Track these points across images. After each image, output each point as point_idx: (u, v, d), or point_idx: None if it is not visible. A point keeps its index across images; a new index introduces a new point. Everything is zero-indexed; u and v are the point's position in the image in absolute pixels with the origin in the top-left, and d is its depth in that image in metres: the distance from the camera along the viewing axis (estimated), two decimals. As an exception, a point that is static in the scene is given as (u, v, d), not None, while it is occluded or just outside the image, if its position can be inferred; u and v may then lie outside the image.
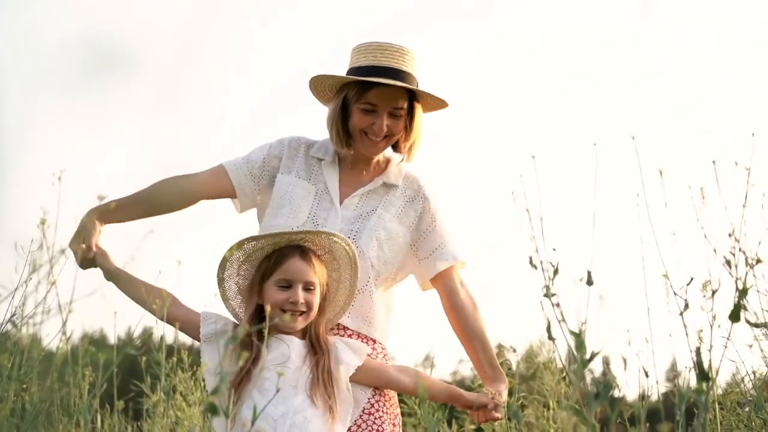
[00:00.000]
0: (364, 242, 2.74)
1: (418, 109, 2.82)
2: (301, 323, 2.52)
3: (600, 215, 1.90)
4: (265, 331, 2.28)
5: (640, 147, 2.06)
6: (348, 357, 2.56)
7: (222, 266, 2.59)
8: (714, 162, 2.02)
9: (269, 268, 2.55)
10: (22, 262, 2.34)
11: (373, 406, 2.67)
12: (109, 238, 2.68)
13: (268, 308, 2.34)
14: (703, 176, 2.01)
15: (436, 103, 2.85)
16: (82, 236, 2.64)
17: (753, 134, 2.07)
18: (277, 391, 2.36)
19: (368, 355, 2.64)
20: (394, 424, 2.72)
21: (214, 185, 2.87)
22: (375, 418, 2.66)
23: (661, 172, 2.00)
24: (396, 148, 2.88)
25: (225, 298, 2.63)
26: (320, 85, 2.86)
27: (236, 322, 2.63)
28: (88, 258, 2.64)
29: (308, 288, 2.52)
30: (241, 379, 2.42)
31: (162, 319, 2.52)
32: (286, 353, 2.48)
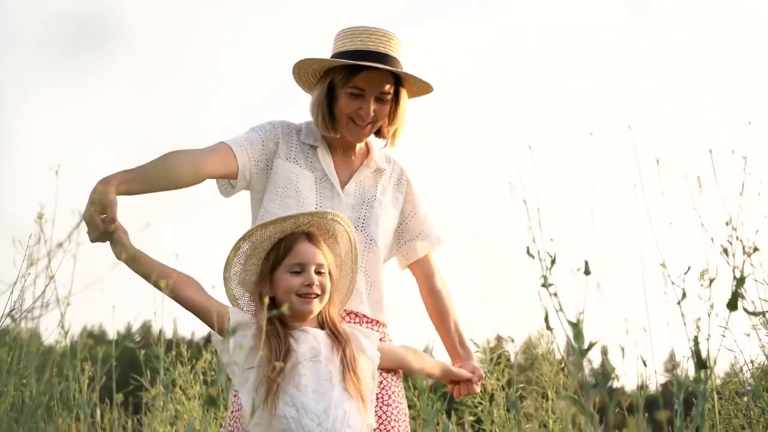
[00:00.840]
0: (372, 230, 2.78)
1: (404, 94, 2.82)
2: (317, 307, 2.50)
3: (597, 205, 1.90)
4: (263, 322, 2.26)
5: (636, 137, 2.06)
6: (369, 347, 2.57)
7: (228, 265, 2.57)
8: (711, 151, 2.03)
9: (279, 256, 2.53)
10: (20, 256, 2.35)
11: (390, 397, 2.70)
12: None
13: (263, 300, 2.32)
14: (700, 165, 2.02)
15: (421, 88, 2.85)
16: (101, 207, 2.42)
17: (749, 123, 2.07)
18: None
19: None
20: (405, 414, 2.75)
21: (222, 165, 2.74)
22: (392, 409, 2.69)
23: (657, 162, 2.00)
24: (379, 133, 2.87)
25: (232, 298, 2.61)
26: (304, 71, 2.82)
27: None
28: (108, 231, 2.43)
29: (320, 271, 2.51)
30: (276, 375, 2.37)
31: (177, 300, 2.46)
32: (316, 346, 2.47)
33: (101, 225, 2.41)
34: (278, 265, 2.52)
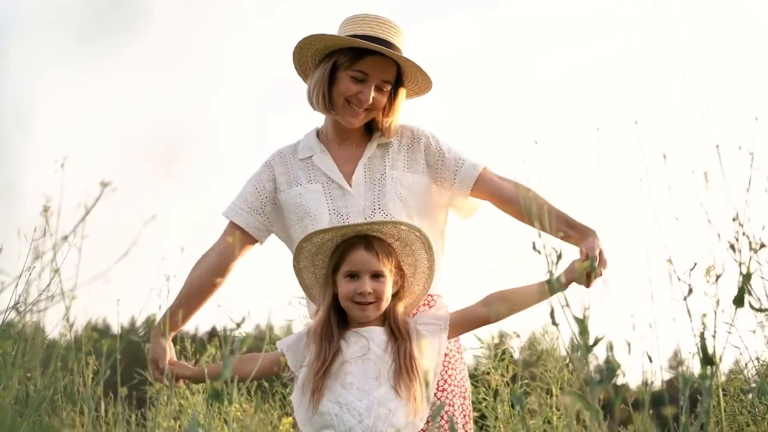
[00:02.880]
0: (391, 209, 2.74)
1: (402, 91, 2.82)
2: (373, 313, 2.52)
3: (603, 200, 1.89)
4: (316, 324, 2.30)
5: (642, 131, 2.06)
6: (432, 335, 2.54)
7: (296, 257, 2.61)
8: (717, 146, 2.02)
9: (338, 259, 2.55)
10: (25, 249, 2.34)
11: (446, 381, 2.67)
12: (111, 226, 2.68)
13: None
14: (706, 161, 2.01)
15: (419, 88, 2.85)
16: (155, 363, 2.78)
17: (756, 118, 2.06)
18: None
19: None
20: (464, 397, 2.72)
21: (237, 244, 2.88)
22: (447, 393, 2.66)
23: (664, 157, 1.99)
24: (372, 126, 2.87)
25: (304, 287, 2.66)
26: (306, 50, 2.81)
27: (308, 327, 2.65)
28: (168, 380, 2.74)
29: (377, 277, 2.51)
30: (323, 373, 2.44)
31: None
32: (366, 345, 2.49)
33: (161, 378, 2.78)
34: (338, 268, 2.55)
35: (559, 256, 1.85)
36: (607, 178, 1.94)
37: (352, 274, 2.51)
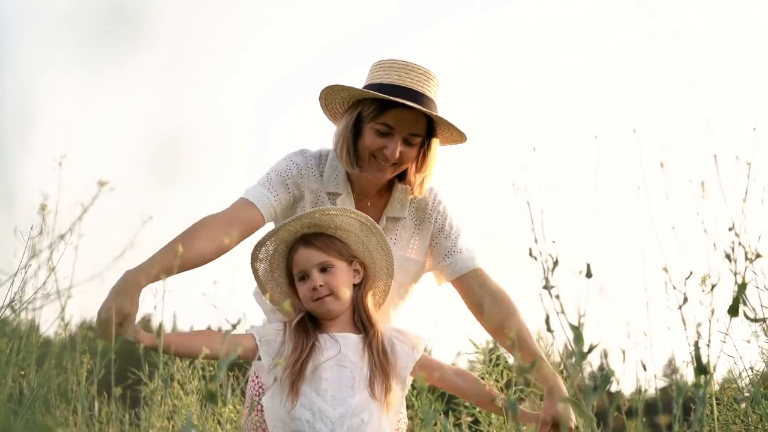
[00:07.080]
0: None
1: (435, 142, 2.65)
2: (333, 305, 2.49)
3: (600, 208, 1.89)
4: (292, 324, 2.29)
5: (641, 140, 2.06)
6: (405, 353, 2.51)
7: (258, 285, 2.62)
8: (715, 156, 2.02)
9: (288, 268, 2.57)
10: (22, 247, 2.34)
11: None
12: (108, 225, 2.68)
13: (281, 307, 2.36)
14: (704, 170, 2.01)
15: (453, 137, 2.67)
16: (122, 316, 2.33)
17: (754, 129, 2.06)
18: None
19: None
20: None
21: (249, 228, 2.63)
22: None
23: (662, 165, 2.00)
24: (403, 178, 2.71)
25: (273, 302, 2.64)
26: (332, 99, 2.65)
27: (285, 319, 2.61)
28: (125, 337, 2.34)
29: (325, 269, 2.50)
30: (300, 369, 2.40)
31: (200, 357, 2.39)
32: (344, 351, 2.46)
33: (111, 334, 2.30)
34: (293, 277, 2.55)
35: (555, 263, 1.85)
36: (605, 186, 1.94)
37: (302, 275, 2.50)
